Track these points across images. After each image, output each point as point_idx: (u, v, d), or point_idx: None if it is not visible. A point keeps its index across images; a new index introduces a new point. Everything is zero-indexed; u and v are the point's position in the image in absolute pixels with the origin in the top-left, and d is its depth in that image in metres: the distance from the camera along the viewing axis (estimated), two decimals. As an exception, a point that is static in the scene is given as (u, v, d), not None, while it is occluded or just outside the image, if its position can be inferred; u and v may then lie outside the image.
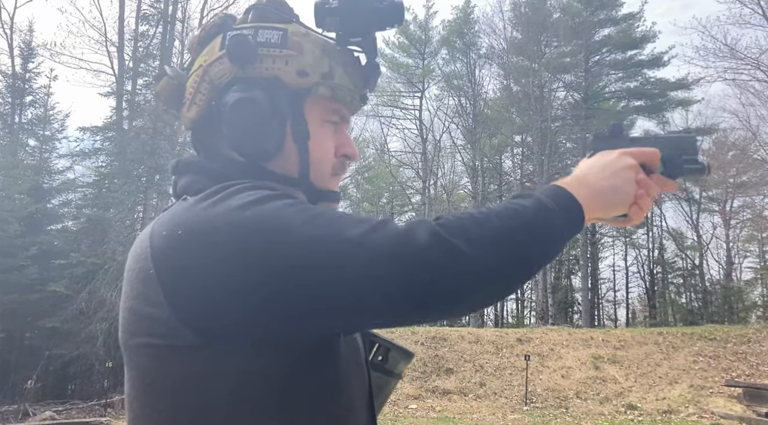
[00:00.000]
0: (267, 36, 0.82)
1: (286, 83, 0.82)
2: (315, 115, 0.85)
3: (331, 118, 0.87)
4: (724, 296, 26.81)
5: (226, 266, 0.66)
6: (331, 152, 0.88)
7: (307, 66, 0.82)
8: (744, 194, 27.12)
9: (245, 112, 0.80)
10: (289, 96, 0.83)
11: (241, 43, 0.81)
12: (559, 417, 10.96)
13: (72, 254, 14.78)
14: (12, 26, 20.73)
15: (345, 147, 0.90)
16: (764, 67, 19.56)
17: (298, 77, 0.82)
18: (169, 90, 0.90)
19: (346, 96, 0.86)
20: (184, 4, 21.50)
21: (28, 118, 20.26)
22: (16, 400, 12.93)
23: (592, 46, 26.30)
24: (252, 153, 0.82)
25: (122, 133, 17.19)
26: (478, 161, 28.06)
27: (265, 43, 0.82)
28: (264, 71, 0.82)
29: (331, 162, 0.88)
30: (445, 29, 29.08)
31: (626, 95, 27.10)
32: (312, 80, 0.83)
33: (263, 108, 0.80)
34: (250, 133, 0.81)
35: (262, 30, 0.83)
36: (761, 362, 12.32)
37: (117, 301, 14.57)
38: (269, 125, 0.81)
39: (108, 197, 16.28)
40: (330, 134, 0.88)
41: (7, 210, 15.42)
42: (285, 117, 0.83)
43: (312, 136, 0.85)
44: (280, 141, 0.83)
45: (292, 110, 0.83)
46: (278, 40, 0.82)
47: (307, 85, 0.83)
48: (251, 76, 0.82)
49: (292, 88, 0.82)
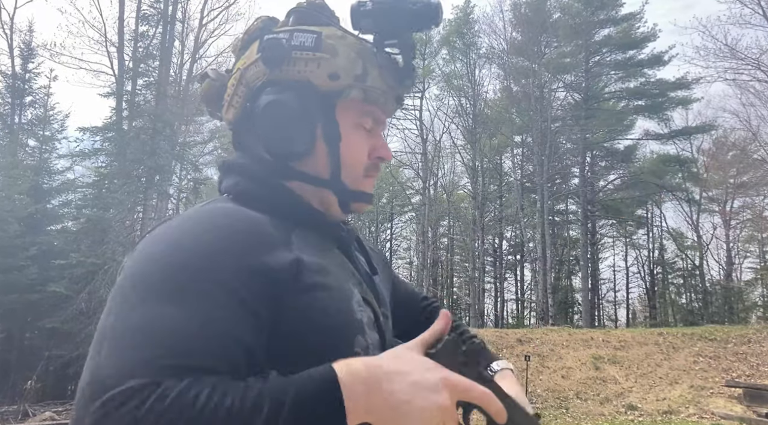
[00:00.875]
0: (301, 39, 0.84)
1: (317, 86, 0.83)
2: (347, 117, 0.87)
3: (365, 120, 0.88)
4: (724, 297, 26.79)
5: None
6: (363, 154, 0.89)
7: (339, 69, 0.83)
8: (744, 195, 27.11)
9: (276, 114, 0.82)
10: (320, 99, 0.84)
11: (274, 47, 0.83)
12: (560, 418, 10.95)
13: (72, 255, 14.79)
14: (12, 26, 20.73)
15: (379, 149, 0.91)
16: (764, 68, 19.56)
17: (329, 80, 0.83)
18: (211, 92, 0.93)
19: (379, 98, 0.87)
20: (184, 4, 21.50)
21: (28, 118, 20.25)
22: (15, 400, 12.93)
23: (592, 46, 26.29)
24: (281, 154, 0.84)
25: (122, 133, 17.18)
26: (478, 162, 28.04)
27: (298, 47, 0.84)
28: (296, 74, 0.83)
29: (364, 164, 0.89)
30: (445, 29, 29.07)
31: (626, 95, 27.08)
32: (343, 83, 0.84)
33: (293, 110, 0.82)
34: (279, 134, 0.83)
35: (297, 33, 0.85)
36: (761, 362, 12.31)
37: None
38: (299, 127, 0.83)
39: (108, 198, 16.27)
40: (363, 136, 0.89)
41: (7, 210, 15.42)
42: (315, 119, 0.84)
43: (344, 138, 0.86)
44: (310, 143, 0.84)
45: (323, 113, 0.85)
46: (312, 44, 0.84)
47: (338, 87, 0.84)
48: (284, 78, 0.84)
49: (323, 90, 0.84)
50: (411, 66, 0.88)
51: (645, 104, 26.61)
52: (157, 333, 0.62)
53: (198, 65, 23.27)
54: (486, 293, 32.07)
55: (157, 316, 0.63)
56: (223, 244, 0.70)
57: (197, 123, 27.05)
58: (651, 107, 26.39)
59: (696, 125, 26.58)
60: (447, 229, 34.10)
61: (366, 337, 0.79)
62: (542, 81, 25.77)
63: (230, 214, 0.76)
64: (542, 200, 24.06)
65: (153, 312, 0.63)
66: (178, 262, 0.68)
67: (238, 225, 0.74)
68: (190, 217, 0.77)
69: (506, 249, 34.22)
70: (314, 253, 0.79)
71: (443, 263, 33.42)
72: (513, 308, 35.09)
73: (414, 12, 0.85)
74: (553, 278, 26.78)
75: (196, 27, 22.64)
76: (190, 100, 21.83)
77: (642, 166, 28.36)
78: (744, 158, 25.10)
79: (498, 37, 27.44)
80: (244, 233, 0.73)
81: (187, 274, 0.66)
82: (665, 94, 25.91)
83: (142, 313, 0.64)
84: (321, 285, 0.76)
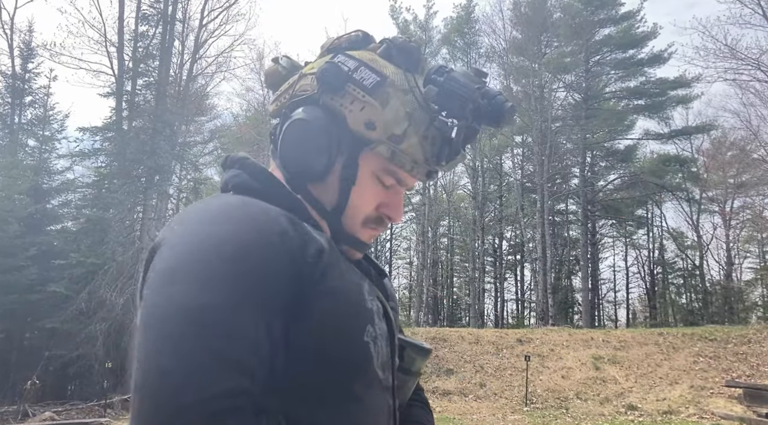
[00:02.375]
0: (363, 76, 0.83)
1: (349, 126, 0.83)
2: (368, 166, 0.86)
3: (385, 178, 0.87)
4: (724, 297, 26.78)
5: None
6: (371, 205, 0.88)
7: (379, 121, 0.82)
8: (744, 194, 27.10)
9: (300, 132, 0.83)
10: (349, 138, 0.83)
11: (332, 73, 0.83)
12: (560, 418, 10.95)
13: (72, 255, 14.79)
14: (12, 26, 20.72)
15: (388, 207, 0.89)
16: (764, 68, 19.54)
17: (363, 127, 0.82)
18: (273, 77, 0.94)
19: (405, 164, 0.85)
20: (184, 4, 21.47)
21: (28, 118, 20.25)
22: (15, 401, 12.93)
23: (592, 45, 26.29)
24: (291, 169, 0.85)
25: (122, 133, 17.17)
26: (478, 162, 28.04)
27: (356, 82, 0.83)
28: (338, 106, 0.83)
29: (366, 213, 0.88)
30: (446, 27, 29.07)
31: (626, 95, 27.08)
32: (374, 136, 0.82)
33: (318, 136, 0.82)
34: (296, 151, 0.84)
35: (363, 68, 0.84)
36: (761, 362, 12.30)
37: (117, 301, 14.58)
38: (317, 152, 0.83)
39: (108, 198, 16.28)
40: (377, 190, 0.87)
41: (7, 210, 15.41)
42: (338, 154, 0.84)
43: (358, 183, 0.85)
44: (324, 173, 0.84)
45: (348, 152, 0.84)
46: (369, 86, 0.83)
47: (369, 137, 0.83)
48: (326, 103, 0.83)
49: (354, 133, 0.83)
50: (458, 150, 0.86)
51: (645, 104, 26.62)
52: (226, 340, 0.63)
53: (198, 65, 23.29)
54: (486, 293, 32.08)
55: (221, 319, 0.64)
56: (270, 238, 0.72)
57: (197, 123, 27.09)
58: (651, 106, 26.40)
59: (696, 125, 26.59)
60: (447, 229, 34.10)
61: (375, 327, 0.80)
62: (542, 81, 25.77)
63: (265, 208, 0.77)
64: (542, 200, 24.06)
65: (214, 312, 0.64)
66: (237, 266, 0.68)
67: (278, 217, 0.75)
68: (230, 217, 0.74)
69: (506, 249, 34.23)
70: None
71: (443, 263, 33.42)
72: (513, 309, 35.11)
73: (480, 107, 0.84)
74: (553, 278, 26.78)
75: (196, 27, 22.60)
76: (190, 100, 21.84)
77: (642, 166, 28.37)
78: (744, 157, 25.10)
79: (498, 36, 27.45)
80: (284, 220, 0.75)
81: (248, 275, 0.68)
82: (665, 93, 25.91)
83: (203, 311, 0.64)
84: (338, 273, 0.77)
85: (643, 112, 26.76)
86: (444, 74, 0.85)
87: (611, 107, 26.72)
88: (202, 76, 24.50)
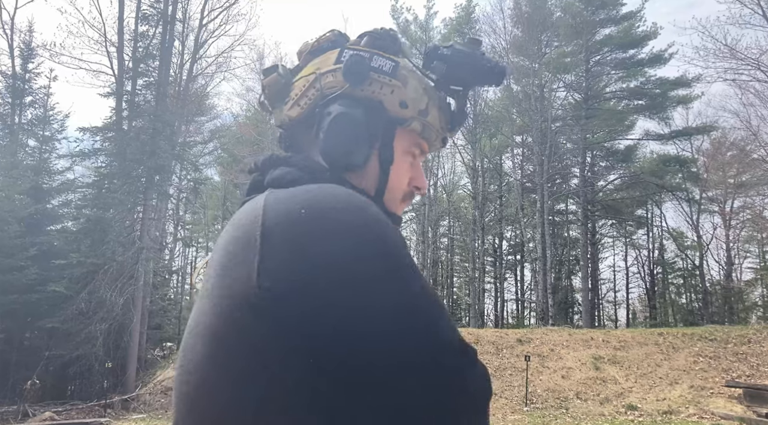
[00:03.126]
0: (380, 63, 0.90)
1: (387, 110, 0.89)
2: (402, 144, 0.92)
3: (414, 150, 0.94)
4: (724, 297, 26.79)
5: (354, 268, 0.66)
6: (405, 181, 0.94)
7: (408, 99, 0.89)
8: (744, 194, 27.10)
9: (344, 126, 0.86)
10: (385, 121, 0.89)
11: (359, 64, 0.88)
12: (560, 418, 10.95)
13: (72, 255, 14.79)
14: (12, 26, 20.73)
15: (418, 180, 0.97)
16: (764, 68, 19.53)
17: (399, 108, 0.89)
18: (276, 86, 0.96)
19: (431, 135, 0.94)
20: (184, 4, 21.49)
21: (28, 118, 20.26)
22: (15, 401, 12.93)
23: (592, 45, 26.29)
24: (338, 163, 0.87)
25: (122, 133, 17.19)
26: (478, 162, 28.04)
27: (377, 69, 0.89)
28: (370, 94, 0.89)
29: (403, 190, 0.95)
30: (446, 27, 29.08)
31: (627, 95, 27.08)
32: (409, 113, 0.90)
33: (360, 126, 0.87)
34: (341, 145, 0.86)
35: (376, 56, 0.90)
36: (761, 362, 12.30)
37: (117, 301, 14.59)
38: (360, 143, 0.87)
39: (108, 198, 16.28)
40: (408, 165, 0.94)
41: (7, 211, 15.42)
42: (376, 139, 0.89)
43: (394, 162, 0.91)
44: (365, 159, 0.89)
45: (384, 135, 0.90)
46: (389, 70, 0.89)
47: (404, 116, 0.90)
48: (358, 95, 0.88)
49: (390, 115, 0.89)
50: (464, 114, 0.96)
51: (645, 104, 26.61)
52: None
53: (198, 65, 23.29)
54: (486, 294, 32.08)
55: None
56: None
57: (197, 123, 27.09)
58: (651, 106, 26.39)
59: (696, 126, 26.58)
60: (447, 229, 34.11)
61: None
62: (543, 81, 25.76)
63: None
64: (542, 200, 24.05)
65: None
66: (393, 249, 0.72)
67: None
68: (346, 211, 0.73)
69: (506, 249, 34.23)
70: None
71: (443, 263, 33.42)
72: (513, 309, 35.12)
73: (486, 69, 0.92)
74: (553, 278, 26.78)
75: (196, 27, 22.61)
76: (190, 100, 21.85)
77: (642, 166, 28.36)
78: (744, 157, 25.10)
79: (498, 36, 27.45)
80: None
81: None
82: (666, 93, 25.91)
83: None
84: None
85: (644, 112, 26.76)
86: (449, 48, 0.92)
87: (611, 107, 26.71)
88: (202, 76, 24.52)
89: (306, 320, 0.63)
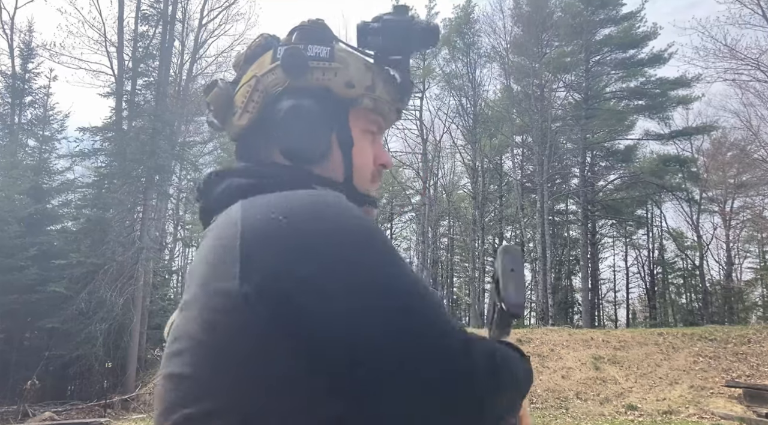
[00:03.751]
0: (316, 51, 0.89)
1: (335, 93, 0.88)
2: (358, 124, 0.91)
3: (371, 128, 0.94)
4: (724, 297, 26.80)
5: (338, 272, 0.65)
6: (371, 159, 0.94)
7: (353, 79, 0.89)
8: (744, 195, 27.10)
9: (297, 118, 0.86)
10: (336, 105, 0.89)
11: (295, 55, 0.87)
12: (560, 418, 10.95)
13: (72, 255, 14.79)
14: (12, 26, 20.72)
15: (381, 157, 0.96)
16: (764, 68, 19.54)
17: (346, 88, 0.89)
18: (220, 100, 0.94)
19: (384, 108, 0.93)
20: (184, 4, 21.49)
21: (28, 118, 20.27)
22: (15, 401, 12.92)
23: (592, 45, 26.29)
24: (301, 157, 0.87)
25: (122, 133, 17.18)
26: (478, 162, 28.05)
27: (315, 57, 0.88)
28: (314, 82, 0.88)
29: (371, 169, 0.94)
30: (446, 28, 29.07)
31: (627, 95, 27.08)
32: (358, 92, 0.89)
33: (314, 115, 0.86)
34: (300, 138, 0.86)
35: (311, 46, 0.90)
36: (761, 362, 12.30)
37: (117, 301, 14.58)
38: (318, 132, 0.87)
39: (108, 198, 16.28)
40: (369, 143, 0.94)
41: (7, 211, 15.42)
42: (332, 125, 0.89)
43: (355, 144, 0.91)
44: (327, 147, 0.88)
45: (338, 119, 0.89)
46: (327, 55, 0.89)
47: (353, 95, 0.89)
48: (302, 86, 0.88)
49: (339, 98, 0.89)
50: (410, 82, 0.95)
51: (645, 104, 26.62)
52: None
53: (198, 65, 23.31)
54: (486, 293, 32.07)
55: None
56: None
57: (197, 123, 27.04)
58: (651, 106, 26.40)
59: (696, 126, 26.58)
60: (447, 229, 34.10)
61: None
62: (543, 81, 25.76)
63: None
64: (542, 200, 24.05)
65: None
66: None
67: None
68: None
69: (506, 249, 34.18)
70: None
71: (443, 263, 33.42)
72: (513, 308, 35.02)
73: (420, 31, 0.91)
74: (553, 278, 26.79)
75: (196, 27, 22.62)
76: (190, 100, 21.84)
77: (642, 166, 28.36)
78: (744, 157, 25.10)
79: (498, 36, 27.45)
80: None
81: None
82: (666, 93, 25.91)
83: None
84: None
85: (644, 112, 26.77)
86: (379, 21, 0.92)
87: (611, 107, 26.72)
88: (202, 76, 24.50)
89: (291, 325, 0.63)
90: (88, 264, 14.66)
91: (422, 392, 0.64)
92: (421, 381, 0.64)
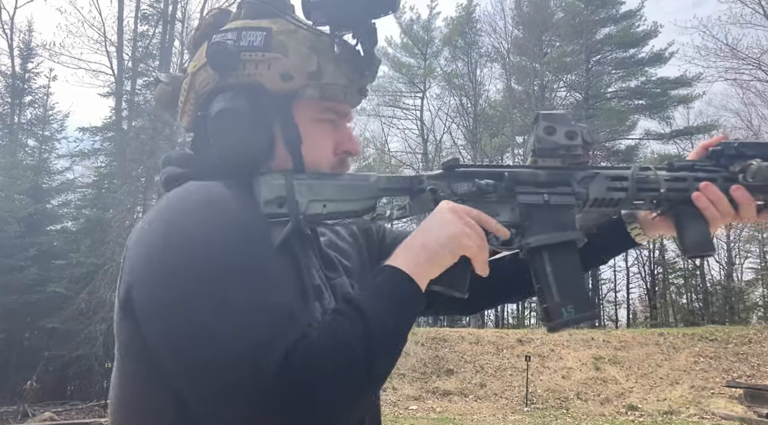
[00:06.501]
0: (250, 39, 0.79)
1: (269, 89, 0.79)
2: (306, 116, 0.82)
3: (326, 116, 0.84)
4: (724, 297, 26.77)
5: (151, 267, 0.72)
6: (328, 151, 0.85)
7: (291, 68, 0.79)
8: (745, 194, 27.04)
9: (228, 123, 0.78)
10: (274, 101, 0.80)
11: (221, 51, 0.78)
12: (560, 418, 10.93)
13: (71, 255, 14.77)
14: (12, 26, 20.72)
15: (344, 144, 0.87)
16: (765, 67, 19.53)
17: (282, 82, 0.79)
18: (166, 97, 0.89)
19: (338, 94, 0.83)
20: (184, 4, 21.49)
21: (28, 118, 20.28)
22: (15, 401, 12.91)
23: (593, 45, 26.27)
24: (239, 164, 0.79)
25: (122, 133, 17.18)
26: (479, 162, 28.03)
27: (247, 47, 0.79)
28: (246, 78, 0.79)
29: (330, 161, 0.85)
30: (447, 27, 29.07)
31: (628, 95, 27.06)
32: (297, 83, 0.80)
33: (246, 117, 0.78)
34: (235, 144, 0.78)
35: (245, 32, 0.80)
36: (762, 363, 12.28)
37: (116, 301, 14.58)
38: (254, 134, 0.79)
39: (107, 198, 16.27)
40: (327, 133, 0.85)
41: (7, 211, 15.41)
42: (272, 123, 0.80)
43: (305, 138, 0.82)
44: (268, 149, 0.81)
45: (280, 115, 0.81)
46: (261, 43, 0.79)
47: (292, 88, 0.80)
48: (235, 82, 0.79)
49: (276, 93, 0.80)
50: (371, 55, 0.84)
51: (646, 104, 26.60)
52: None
53: (198, 65, 23.29)
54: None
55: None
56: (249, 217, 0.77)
57: (197, 123, 27.11)
58: (652, 106, 26.37)
59: (697, 125, 26.54)
60: (447, 229, 34.05)
61: (324, 303, 0.82)
62: (544, 81, 25.75)
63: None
64: (543, 200, 24.01)
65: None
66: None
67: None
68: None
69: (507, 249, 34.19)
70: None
71: (444, 263, 33.38)
72: (513, 309, 35.05)
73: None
74: (554, 278, 26.70)
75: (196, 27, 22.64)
76: (190, 100, 21.83)
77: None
78: (744, 157, 25.04)
79: (499, 36, 27.44)
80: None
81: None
82: (666, 93, 25.89)
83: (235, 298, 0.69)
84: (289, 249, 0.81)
85: (644, 112, 26.74)
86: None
87: (612, 107, 26.69)
88: (202, 76, 24.55)
89: (144, 321, 0.71)
90: (88, 264, 14.64)
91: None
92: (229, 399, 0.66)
